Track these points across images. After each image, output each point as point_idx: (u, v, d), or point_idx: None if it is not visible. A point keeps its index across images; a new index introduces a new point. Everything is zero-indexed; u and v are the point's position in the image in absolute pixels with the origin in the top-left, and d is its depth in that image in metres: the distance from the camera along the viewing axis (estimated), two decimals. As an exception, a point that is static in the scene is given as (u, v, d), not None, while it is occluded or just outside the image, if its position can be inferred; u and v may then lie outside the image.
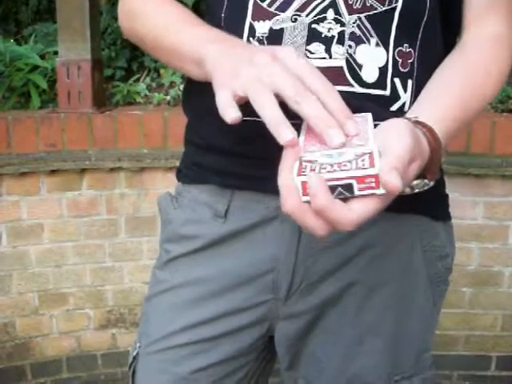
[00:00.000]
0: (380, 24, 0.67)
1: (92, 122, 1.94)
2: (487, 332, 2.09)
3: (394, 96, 0.68)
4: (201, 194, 0.78)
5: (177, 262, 0.80)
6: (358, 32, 0.67)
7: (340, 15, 0.66)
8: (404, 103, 0.69)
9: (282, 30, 0.67)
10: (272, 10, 0.68)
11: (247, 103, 0.55)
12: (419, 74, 0.69)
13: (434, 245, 0.77)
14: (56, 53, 2.13)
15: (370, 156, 0.51)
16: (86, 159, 1.95)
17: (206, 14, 0.77)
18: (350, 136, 0.55)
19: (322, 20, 0.66)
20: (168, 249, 0.82)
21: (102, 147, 1.95)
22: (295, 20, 0.67)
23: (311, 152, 0.54)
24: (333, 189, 0.50)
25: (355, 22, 0.66)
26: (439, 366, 2.02)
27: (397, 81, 0.68)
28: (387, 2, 0.67)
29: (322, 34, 0.66)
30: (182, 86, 1.17)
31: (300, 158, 0.53)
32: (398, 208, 0.68)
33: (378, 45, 0.67)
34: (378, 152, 0.52)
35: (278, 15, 0.67)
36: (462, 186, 1.95)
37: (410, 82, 0.69)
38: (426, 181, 0.60)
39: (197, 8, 2.19)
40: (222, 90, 0.57)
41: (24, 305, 2.03)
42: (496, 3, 0.72)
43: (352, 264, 0.73)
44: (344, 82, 0.67)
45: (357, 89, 0.67)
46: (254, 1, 0.68)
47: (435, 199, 0.78)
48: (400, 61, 0.68)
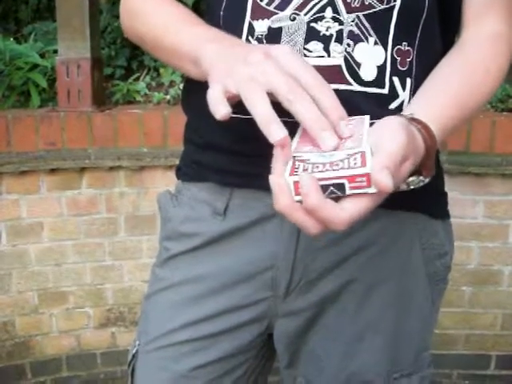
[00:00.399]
0: (378, 23, 0.67)
1: (92, 121, 1.94)
2: (487, 331, 2.09)
3: (393, 94, 0.68)
4: (200, 192, 0.78)
5: (176, 260, 0.80)
6: (356, 30, 0.67)
7: (338, 14, 0.66)
8: (403, 101, 0.69)
9: (280, 28, 0.67)
10: (271, 8, 0.68)
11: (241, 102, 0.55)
12: (418, 72, 0.69)
13: (432, 243, 0.78)
14: (56, 51, 2.13)
15: (361, 155, 0.51)
16: (85, 158, 1.95)
17: (205, 13, 0.77)
18: (343, 138, 0.55)
19: (321, 19, 0.67)
20: (167, 247, 0.82)
21: (101, 146, 1.95)
22: (294, 19, 0.67)
23: (304, 152, 0.54)
24: (325, 188, 0.50)
25: (353, 20, 0.66)
26: (439, 365, 2.02)
27: (395, 79, 0.68)
28: (386, 1, 0.67)
29: (320, 32, 0.67)
30: (182, 85, 1.17)
31: (293, 157, 0.53)
32: (396, 206, 0.68)
33: (376, 43, 0.67)
34: (371, 151, 0.52)
35: (277, 14, 0.67)
36: (462, 184, 1.95)
37: (408, 81, 0.69)
38: (422, 177, 0.60)
39: (197, 7, 2.19)
40: (214, 85, 0.57)
41: (24, 303, 2.04)
42: (495, 2, 0.72)
43: (351, 261, 0.74)
44: (342, 80, 0.67)
45: (355, 87, 0.67)
46: (253, 0, 0.68)
47: (434, 197, 0.78)
48: (398, 59, 0.68)
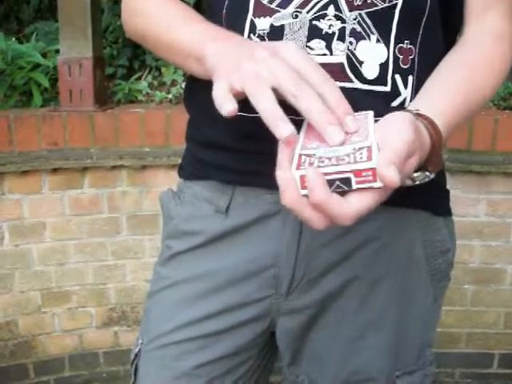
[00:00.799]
0: (381, 21, 0.67)
1: (94, 121, 1.94)
2: (490, 329, 2.09)
3: (395, 92, 0.68)
4: (202, 190, 0.78)
5: (179, 258, 0.80)
6: (358, 28, 0.67)
7: (340, 12, 0.66)
8: (405, 99, 0.69)
9: (282, 26, 0.67)
10: (273, 6, 0.68)
11: (247, 99, 0.55)
12: (420, 70, 0.69)
13: (434, 240, 0.78)
14: (58, 51, 2.13)
15: (367, 150, 0.51)
16: (87, 157, 1.95)
17: (207, 10, 0.77)
18: (349, 133, 0.55)
19: (323, 17, 0.67)
20: (170, 245, 0.82)
21: (103, 145, 1.95)
22: (296, 16, 0.67)
23: (309, 150, 0.54)
24: (331, 182, 0.50)
25: (356, 18, 0.66)
26: (441, 363, 2.02)
27: (397, 77, 0.68)
28: None
29: (322, 30, 0.67)
30: (184, 83, 1.17)
31: (298, 151, 0.53)
32: (398, 202, 0.68)
33: (378, 41, 0.67)
34: (377, 146, 0.52)
35: (279, 12, 0.68)
36: (465, 183, 1.95)
37: (410, 79, 0.69)
38: (427, 173, 0.60)
39: (198, 6, 2.19)
40: (219, 82, 0.57)
41: (26, 303, 2.04)
42: None
43: (353, 259, 0.74)
44: (345, 78, 0.67)
45: (357, 85, 0.67)
46: None
47: (436, 194, 0.78)
48: (401, 57, 0.68)
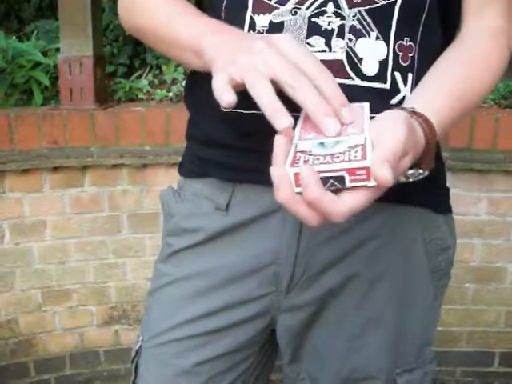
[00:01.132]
0: (380, 18, 0.67)
1: (94, 119, 1.95)
2: (490, 328, 2.09)
3: (394, 89, 0.68)
4: (202, 188, 0.78)
5: (179, 256, 0.80)
6: (358, 25, 0.67)
7: (340, 9, 0.66)
8: (404, 97, 0.69)
9: (281, 23, 0.67)
10: (272, 3, 0.68)
11: (244, 93, 0.55)
12: (419, 67, 0.69)
13: (435, 237, 0.77)
14: (58, 49, 2.13)
15: (362, 148, 0.51)
16: (88, 156, 1.95)
17: (207, 8, 0.77)
18: (345, 124, 0.55)
19: (322, 13, 0.67)
20: (170, 242, 0.82)
21: (104, 144, 1.95)
22: (295, 13, 0.67)
23: (305, 140, 0.54)
24: (325, 180, 0.50)
25: (355, 15, 0.66)
26: (442, 362, 2.02)
27: (397, 74, 0.68)
28: None
29: (321, 27, 0.67)
30: (184, 82, 1.17)
31: (294, 146, 0.53)
32: (398, 200, 0.68)
33: (378, 38, 0.67)
34: (371, 143, 0.52)
35: (278, 8, 0.67)
36: (465, 181, 1.95)
37: (410, 76, 0.69)
38: (421, 170, 0.60)
39: (200, 3, 2.19)
40: (218, 74, 0.57)
41: (27, 301, 2.04)
42: None
43: (353, 256, 0.74)
44: (344, 75, 0.67)
45: (357, 82, 0.67)
46: None
47: (436, 192, 0.78)
48: (400, 54, 0.68)
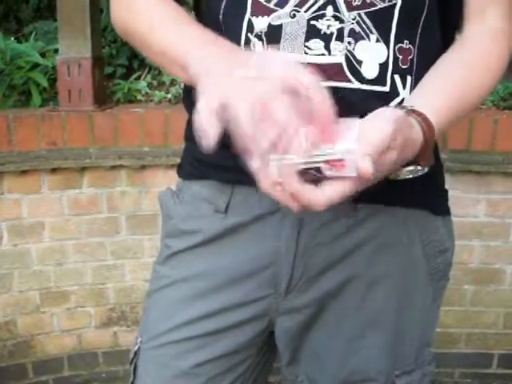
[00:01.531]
0: (380, 20, 0.67)
1: (93, 120, 1.94)
2: (489, 330, 2.09)
3: (394, 92, 0.69)
4: (201, 190, 0.78)
5: (178, 257, 0.80)
6: (357, 29, 0.67)
7: (339, 12, 0.66)
8: (403, 100, 0.69)
9: (280, 25, 0.67)
10: (271, 5, 0.68)
11: None
12: (418, 70, 0.69)
13: (433, 239, 0.78)
14: (56, 51, 2.13)
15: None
16: (86, 157, 1.94)
17: (204, 10, 0.77)
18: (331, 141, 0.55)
19: (321, 17, 0.66)
20: (169, 244, 0.82)
21: (102, 145, 1.95)
22: (294, 16, 0.67)
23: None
24: (305, 171, 0.53)
25: (354, 18, 0.66)
26: (441, 363, 2.02)
27: (396, 77, 0.68)
28: None
29: (321, 30, 0.66)
30: (183, 83, 1.17)
31: None
32: (397, 202, 0.68)
33: (378, 41, 0.67)
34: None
35: (277, 11, 0.67)
36: (464, 183, 1.95)
37: (409, 79, 0.69)
38: (420, 167, 0.62)
39: (198, 5, 2.18)
40: (201, 99, 0.56)
41: (25, 303, 2.04)
42: None
43: (351, 258, 0.74)
44: (343, 78, 0.67)
45: (356, 85, 0.67)
46: None
47: (434, 193, 0.78)
48: (400, 57, 0.68)
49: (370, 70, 0.67)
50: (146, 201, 2.03)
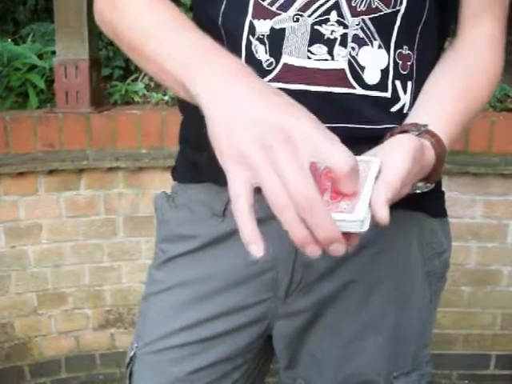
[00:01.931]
0: (383, 26, 0.67)
1: (90, 122, 1.94)
2: (486, 331, 2.09)
3: (395, 98, 0.69)
4: (198, 194, 0.77)
5: (174, 262, 0.79)
6: (361, 34, 0.66)
7: (343, 17, 0.66)
8: (404, 105, 0.69)
9: (283, 29, 0.66)
10: (273, 9, 0.67)
11: None
12: (417, 75, 0.70)
13: (430, 241, 0.78)
14: (54, 52, 2.13)
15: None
16: (84, 159, 1.94)
17: (201, 11, 0.76)
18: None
19: (325, 22, 0.66)
20: (165, 249, 0.81)
21: (99, 147, 1.95)
22: (297, 20, 0.66)
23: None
24: None
25: (358, 24, 0.66)
26: (438, 365, 2.02)
27: (397, 83, 0.68)
28: (392, 5, 0.66)
29: (324, 35, 0.66)
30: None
31: None
32: (395, 205, 0.68)
33: (380, 47, 0.67)
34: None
35: (280, 15, 0.66)
36: (461, 184, 1.95)
37: (409, 84, 0.69)
38: (428, 184, 0.63)
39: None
40: (234, 183, 0.49)
41: (22, 305, 2.03)
42: (492, 2, 0.73)
43: (350, 262, 0.73)
44: (346, 84, 0.66)
45: (358, 90, 0.67)
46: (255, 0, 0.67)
47: (432, 196, 0.78)
48: (400, 63, 0.68)
49: (371, 76, 0.67)
50: (143, 203, 2.02)
